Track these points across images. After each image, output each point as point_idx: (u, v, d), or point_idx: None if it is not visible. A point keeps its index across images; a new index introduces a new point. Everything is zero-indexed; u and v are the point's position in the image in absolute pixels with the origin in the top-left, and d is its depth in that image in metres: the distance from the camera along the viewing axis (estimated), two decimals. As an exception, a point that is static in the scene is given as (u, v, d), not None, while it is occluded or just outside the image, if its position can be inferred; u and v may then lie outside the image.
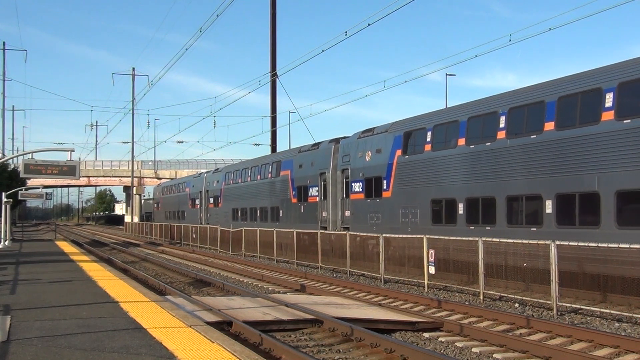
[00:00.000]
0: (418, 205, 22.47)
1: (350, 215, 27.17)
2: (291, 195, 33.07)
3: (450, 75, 61.09)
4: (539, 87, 18.25)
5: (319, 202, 30.03)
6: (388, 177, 24.21)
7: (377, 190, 25.03)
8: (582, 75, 16.90)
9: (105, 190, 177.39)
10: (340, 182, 28.19)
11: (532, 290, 15.69)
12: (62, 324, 9.84)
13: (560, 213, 16.66)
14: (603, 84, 15.79)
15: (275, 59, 44.50)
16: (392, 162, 24.00)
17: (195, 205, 52.73)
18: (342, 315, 12.58)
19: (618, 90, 15.31)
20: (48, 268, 20.91)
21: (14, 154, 67.24)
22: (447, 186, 21.01)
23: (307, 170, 31.43)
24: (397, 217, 23.63)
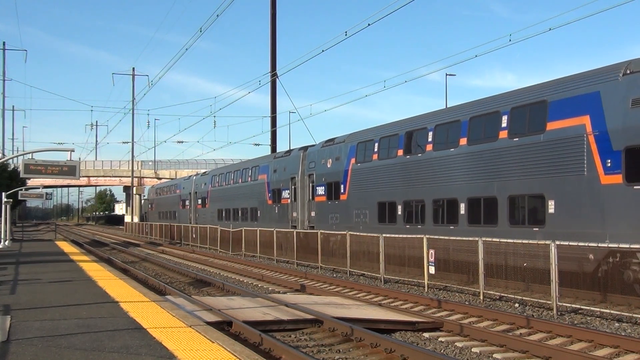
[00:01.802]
0: (368, 207, 25.49)
1: (315, 216, 30.13)
2: (267, 197, 36.12)
3: (450, 75, 61.09)
4: (457, 109, 21.85)
5: (290, 203, 33.00)
6: (345, 182, 27.35)
7: (336, 194, 28.16)
8: (488, 99, 20.25)
9: (105, 190, 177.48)
10: (307, 186, 31.11)
11: (531, 290, 15.69)
12: (62, 324, 9.84)
13: (470, 214, 19.77)
14: (501, 107, 18.95)
15: (275, 59, 44.52)
16: (348, 169, 27.16)
17: (185, 206, 55.59)
18: (342, 315, 12.58)
19: (510, 114, 18.46)
20: (48, 268, 20.91)
21: (14, 154, 67.28)
22: (389, 190, 24.07)
23: (280, 175, 34.49)
24: (351, 217, 26.60)
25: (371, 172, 25.53)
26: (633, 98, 14.79)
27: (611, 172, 15.09)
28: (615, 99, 15.26)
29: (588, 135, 15.80)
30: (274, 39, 44.55)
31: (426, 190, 21.94)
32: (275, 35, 44.66)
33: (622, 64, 15.58)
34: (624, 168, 14.81)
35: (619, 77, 15.38)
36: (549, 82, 18.01)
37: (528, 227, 17.48)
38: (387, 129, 25.30)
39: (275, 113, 46.05)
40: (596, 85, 15.89)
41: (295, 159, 33.00)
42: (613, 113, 15.26)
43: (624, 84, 15.19)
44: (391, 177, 24.06)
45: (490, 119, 19.26)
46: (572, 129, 16.25)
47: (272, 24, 44.50)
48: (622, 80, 15.28)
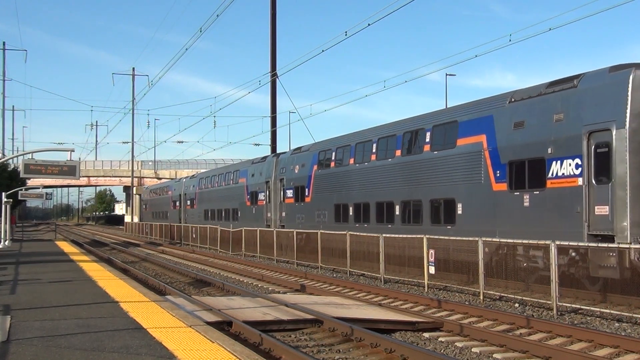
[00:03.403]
0: (327, 208, 28.79)
1: (285, 216, 33.21)
2: (246, 199, 39.31)
3: (450, 75, 61.13)
4: (394, 124, 24.96)
5: (265, 205, 36.09)
6: (309, 186, 30.56)
7: (301, 196, 31.30)
8: (417, 117, 23.57)
9: (105, 190, 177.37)
10: (279, 189, 34.19)
11: (531, 290, 15.70)
12: (62, 324, 9.84)
13: (403, 214, 23.11)
14: (425, 125, 22.29)
15: (275, 59, 44.48)
16: (311, 174, 30.40)
17: (176, 206, 58.80)
18: (342, 315, 12.57)
19: (432, 131, 21.80)
20: (48, 268, 20.91)
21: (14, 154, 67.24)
22: (343, 194, 27.43)
23: (257, 179, 37.63)
24: (314, 217, 29.79)
25: (329, 178, 28.95)
26: (515, 122, 18.10)
27: (500, 181, 18.49)
28: (503, 122, 18.57)
29: (484, 150, 19.12)
30: (274, 39, 44.54)
31: (371, 194, 25.19)
32: (275, 35, 44.65)
33: (509, 94, 18.95)
34: (508, 178, 18.15)
35: (506, 104, 18.66)
36: (461, 105, 21.50)
37: (443, 225, 20.63)
38: (342, 140, 28.66)
39: (275, 113, 46.03)
40: (491, 110, 19.22)
41: (269, 164, 35.99)
42: (501, 133, 18.56)
43: (509, 110, 18.47)
44: (344, 182, 27.47)
45: (418, 134, 22.75)
46: (474, 145, 19.59)
47: (272, 24, 44.48)
48: (507, 107, 18.57)
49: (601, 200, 15.36)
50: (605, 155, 15.34)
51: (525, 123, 17.74)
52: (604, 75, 15.94)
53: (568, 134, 16.30)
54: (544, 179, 16.90)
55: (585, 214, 15.63)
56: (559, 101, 16.80)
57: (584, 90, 16.15)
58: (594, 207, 15.54)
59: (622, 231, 14.86)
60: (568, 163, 16.20)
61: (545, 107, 17.24)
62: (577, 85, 16.43)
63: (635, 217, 14.73)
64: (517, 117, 18.02)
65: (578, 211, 15.79)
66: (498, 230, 17.86)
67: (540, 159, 17.03)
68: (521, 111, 18.00)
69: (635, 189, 14.81)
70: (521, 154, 17.69)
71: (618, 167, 15.03)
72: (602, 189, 15.40)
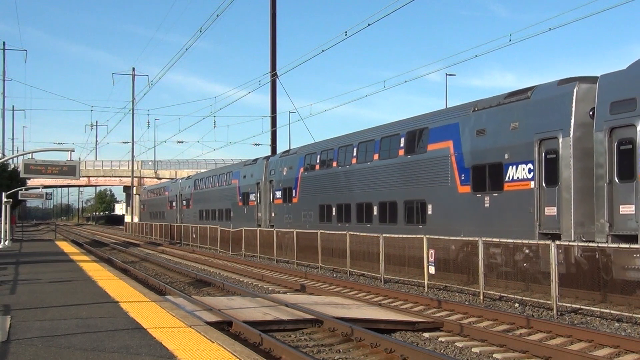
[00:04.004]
0: (312, 209, 30.13)
1: (274, 216, 34.78)
2: (238, 199, 40.85)
3: (450, 75, 61.13)
4: (372, 130, 26.44)
5: (255, 205, 37.69)
6: (296, 188, 32.05)
7: (289, 197, 32.78)
8: (393, 123, 25.14)
9: (105, 190, 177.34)
10: (269, 190, 35.79)
11: (532, 290, 15.70)
12: (62, 324, 9.84)
13: (380, 214, 24.56)
14: (400, 131, 23.62)
15: (275, 59, 44.45)
16: (298, 176, 31.85)
17: (172, 206, 60.36)
18: (342, 315, 12.57)
19: (406, 136, 23.11)
20: (48, 268, 20.91)
21: (14, 154, 67.24)
22: (327, 195, 28.82)
23: (248, 180, 39.21)
24: (300, 217, 31.13)
25: (314, 180, 30.36)
26: (477, 129, 19.47)
27: (464, 184, 19.88)
28: (467, 129, 19.92)
29: (451, 155, 20.49)
30: (274, 39, 44.51)
31: (351, 196, 26.69)
32: (275, 35, 44.61)
33: (473, 103, 20.31)
34: (471, 181, 19.56)
35: (470, 113, 19.99)
36: (432, 113, 23.00)
37: (416, 225, 21.87)
38: (327, 144, 30.33)
39: (275, 113, 46.00)
40: (457, 118, 20.58)
41: (259, 166, 37.55)
42: (466, 140, 19.93)
43: (472, 118, 19.79)
44: (328, 184, 28.91)
45: (393, 139, 24.03)
46: (442, 150, 20.95)
47: (272, 24, 44.45)
48: (471, 115, 19.89)
49: (550, 202, 16.72)
50: (553, 161, 16.69)
51: (486, 130, 19.15)
52: (553, 87, 17.17)
53: (522, 141, 17.66)
54: (502, 182, 18.29)
55: (536, 215, 16.96)
56: (515, 111, 18.14)
57: (536, 102, 17.49)
58: (544, 208, 16.87)
59: (567, 230, 16.10)
60: (522, 168, 17.60)
61: (503, 116, 18.57)
62: (530, 96, 17.71)
63: (578, 217, 15.96)
64: (480, 125, 19.44)
65: (530, 212, 17.11)
66: (463, 230, 18.95)
67: (499, 164, 18.42)
68: (483, 119, 19.37)
69: (578, 192, 16.03)
70: (482, 159, 19.15)
71: (564, 172, 16.33)
72: (551, 192, 16.72)
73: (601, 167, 15.33)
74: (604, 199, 15.15)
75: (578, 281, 14.63)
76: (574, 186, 16.08)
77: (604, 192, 15.16)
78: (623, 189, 14.89)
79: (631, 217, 14.60)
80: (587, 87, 16.24)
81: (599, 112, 15.47)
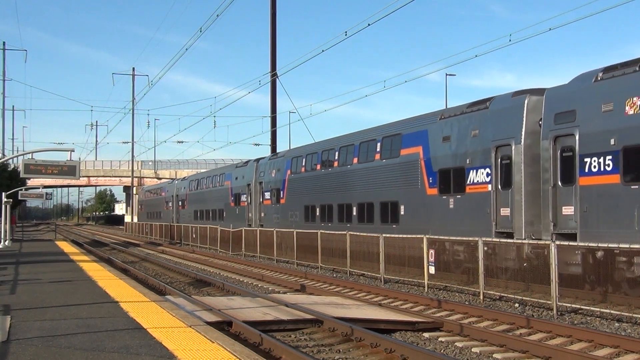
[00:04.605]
0: (298, 209, 31.64)
1: (264, 216, 36.38)
2: (230, 200, 42.37)
3: (450, 75, 61.13)
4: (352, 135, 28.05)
5: (246, 206, 39.21)
6: (283, 189, 33.56)
7: (277, 198, 34.36)
8: (371, 129, 26.68)
9: (105, 190, 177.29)
10: (259, 192, 37.43)
11: (532, 290, 15.69)
12: (62, 324, 9.84)
13: (359, 214, 26.01)
14: (377, 136, 25.26)
15: (275, 59, 44.47)
16: (285, 178, 33.41)
17: (168, 207, 62.01)
18: (342, 315, 12.57)
19: (382, 142, 24.71)
20: (48, 268, 20.91)
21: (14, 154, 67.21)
22: (312, 196, 30.30)
23: (240, 182, 40.77)
24: (288, 217, 32.65)
25: (300, 182, 31.94)
26: (443, 136, 20.97)
27: (432, 187, 21.35)
28: (435, 136, 21.40)
29: (420, 160, 21.97)
30: (274, 39, 44.52)
31: (333, 197, 28.20)
32: (275, 35, 44.64)
33: (440, 111, 22.20)
34: (438, 184, 21.00)
35: (437, 120, 21.51)
36: (405, 120, 24.49)
37: (390, 224, 23.34)
38: (311, 148, 32.04)
39: (275, 113, 46.03)
40: (426, 125, 22.12)
41: (250, 168, 39.13)
42: (433, 145, 21.42)
43: (439, 126, 21.30)
44: (313, 186, 30.46)
45: (371, 144, 25.59)
46: (413, 155, 22.46)
47: (272, 24, 44.47)
48: (438, 123, 21.40)
49: (504, 204, 18.28)
50: (507, 166, 18.26)
51: (451, 137, 20.68)
52: (508, 99, 18.76)
53: (481, 148, 19.23)
54: (464, 185, 19.82)
55: (493, 215, 18.56)
56: (476, 120, 19.66)
57: (493, 111, 19.03)
58: (500, 209, 18.47)
59: (518, 229, 17.65)
60: (481, 172, 19.17)
61: (465, 124, 20.06)
62: (489, 106, 19.28)
63: (528, 217, 17.51)
64: (445, 132, 20.95)
65: (488, 212, 18.67)
66: (431, 229, 19.99)
67: (462, 168, 19.95)
68: (448, 127, 20.85)
69: (528, 194, 17.56)
70: (447, 164, 20.68)
71: (516, 176, 17.88)
72: (505, 194, 18.26)
73: (547, 171, 16.79)
74: (549, 201, 16.63)
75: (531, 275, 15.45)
76: (524, 189, 17.61)
77: (549, 195, 16.65)
78: (565, 192, 16.35)
79: (571, 218, 16.09)
80: (537, 99, 17.62)
81: (545, 122, 16.94)
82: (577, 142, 15.89)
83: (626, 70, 15.15)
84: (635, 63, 15.04)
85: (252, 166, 38.92)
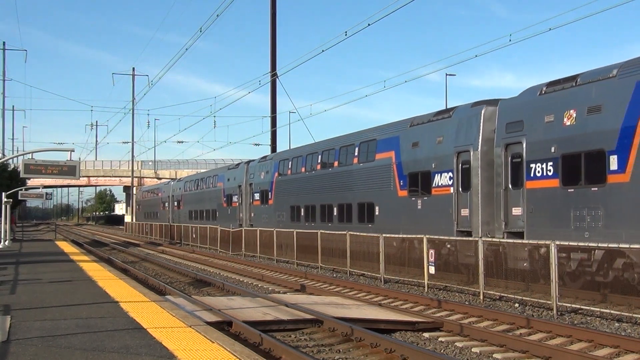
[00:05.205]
0: (285, 209, 33.29)
1: (253, 216, 37.99)
2: (223, 201, 43.94)
3: (450, 75, 61.18)
4: (334, 140, 29.65)
5: (238, 206, 40.77)
6: (271, 190, 35.29)
7: (266, 199, 36.02)
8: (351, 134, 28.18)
9: (105, 190, 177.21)
10: (249, 193, 39.00)
11: (532, 290, 15.70)
12: (62, 324, 9.83)
13: (339, 215, 27.57)
14: (355, 141, 26.92)
15: (275, 59, 44.47)
16: (273, 180, 35.05)
17: (165, 207, 63.54)
18: (342, 315, 12.57)
19: (359, 147, 26.39)
20: (48, 268, 20.91)
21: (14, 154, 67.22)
22: (297, 198, 31.86)
23: (231, 183, 42.32)
24: (275, 217, 34.29)
25: (287, 184, 33.46)
26: (412, 142, 22.59)
27: (403, 189, 22.93)
28: (405, 142, 22.97)
29: (393, 164, 23.52)
30: (274, 39, 44.51)
31: (316, 198, 29.79)
32: (275, 35, 44.63)
33: (411, 119, 23.42)
34: (408, 186, 22.61)
35: (408, 127, 23.14)
36: (380, 126, 26.03)
37: (366, 224, 24.85)
38: (297, 152, 33.71)
39: (275, 113, 46.03)
40: (398, 132, 23.66)
41: (241, 170, 40.66)
42: (404, 150, 22.96)
43: (409, 132, 22.88)
44: (298, 187, 31.98)
45: (350, 149, 27.18)
46: (386, 159, 24.04)
47: (272, 24, 44.46)
48: (409, 130, 23.00)
49: (464, 205, 19.79)
50: (467, 171, 19.78)
51: (419, 143, 22.23)
52: (467, 109, 20.33)
53: (445, 153, 20.74)
54: (430, 188, 21.36)
55: (454, 215, 20.08)
56: (440, 127, 21.25)
57: (455, 120, 20.58)
58: (460, 210, 19.96)
59: (476, 228, 19.11)
60: (445, 175, 20.69)
61: (432, 132, 21.62)
62: (452, 115, 20.92)
63: (485, 217, 19.03)
64: (415, 138, 22.53)
65: (450, 212, 20.18)
66: (402, 228, 21.68)
67: (428, 172, 21.49)
68: (417, 133, 22.43)
69: (484, 196, 19.07)
70: (416, 168, 22.19)
71: (474, 180, 19.42)
72: (465, 196, 19.78)
73: (499, 176, 18.41)
74: (501, 203, 18.26)
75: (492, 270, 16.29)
76: (481, 192, 19.16)
77: (501, 197, 18.29)
78: (514, 194, 17.96)
79: (520, 217, 17.65)
80: (492, 110, 19.19)
81: (498, 131, 18.55)
82: (525, 150, 17.44)
83: (565, 85, 16.66)
84: (573, 79, 16.53)
85: (242, 168, 40.35)
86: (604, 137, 15.22)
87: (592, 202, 15.51)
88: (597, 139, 15.42)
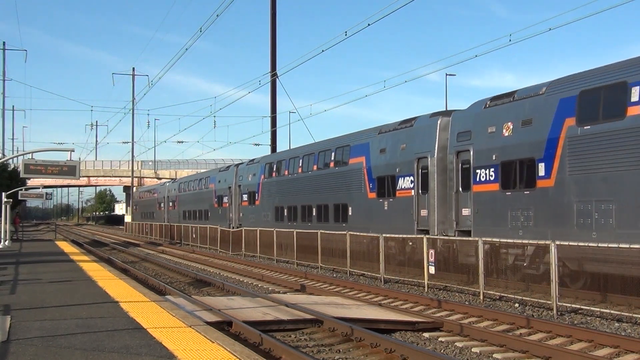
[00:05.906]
0: (270, 210, 35.26)
1: (242, 216, 39.92)
2: (214, 202, 45.66)
3: (450, 75, 61.22)
4: (314, 145, 31.86)
5: (228, 207, 42.54)
6: (258, 192, 37.22)
7: (253, 200, 37.99)
8: (328, 140, 30.48)
9: (105, 190, 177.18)
10: (238, 194, 40.79)
11: (531, 290, 15.71)
12: (62, 324, 9.83)
13: (318, 215, 29.44)
14: (332, 147, 28.90)
15: (275, 59, 44.47)
16: (260, 182, 36.96)
17: (160, 207, 65.60)
18: (342, 315, 12.57)
19: (335, 151, 28.47)
20: (48, 268, 20.90)
21: (14, 154, 67.23)
22: (281, 199, 33.89)
23: (222, 185, 44.04)
24: (261, 217, 36.21)
25: (272, 185, 35.36)
26: (380, 148, 24.54)
27: (372, 191, 24.85)
28: (374, 148, 24.95)
29: (364, 168, 25.50)
30: (274, 39, 44.52)
31: (298, 199, 31.68)
32: (275, 35, 44.63)
33: (379, 127, 25.43)
34: (376, 189, 24.48)
35: (376, 135, 25.09)
36: (353, 133, 28.01)
37: (340, 223, 26.79)
38: (281, 155, 36.07)
39: (275, 113, 46.03)
40: (368, 139, 25.72)
41: (231, 172, 42.50)
42: (373, 156, 24.92)
43: (378, 139, 24.88)
44: (281, 189, 33.96)
45: (327, 154, 29.19)
46: (358, 164, 26.05)
47: (272, 24, 44.47)
48: (377, 137, 24.99)
49: (423, 206, 21.73)
50: (425, 175, 21.73)
51: (386, 149, 24.15)
52: (427, 119, 22.37)
53: (407, 159, 22.65)
54: (395, 190, 23.25)
55: (415, 215, 22.03)
56: (404, 135, 23.19)
57: (416, 129, 22.67)
58: (420, 211, 21.90)
59: (433, 227, 20.96)
60: (407, 179, 22.62)
61: (396, 139, 23.58)
62: (413, 125, 22.90)
63: (440, 217, 20.92)
64: (382, 145, 24.47)
65: (412, 213, 22.10)
66: (372, 227, 23.36)
67: (393, 176, 23.40)
68: (384, 140, 24.35)
69: (440, 198, 20.98)
70: (383, 172, 24.14)
71: (431, 183, 21.35)
72: (424, 198, 21.71)
73: (452, 180, 20.26)
74: (453, 204, 20.10)
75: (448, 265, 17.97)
76: (437, 194, 21.04)
77: (453, 199, 20.16)
78: (464, 196, 19.83)
79: (468, 217, 19.55)
80: (447, 120, 21.02)
81: (451, 140, 20.42)
82: (472, 157, 19.35)
83: (505, 100, 18.60)
84: (511, 95, 18.49)
85: (232, 170, 42.26)
86: (534, 147, 17.17)
87: (524, 204, 17.48)
88: (528, 148, 17.38)
